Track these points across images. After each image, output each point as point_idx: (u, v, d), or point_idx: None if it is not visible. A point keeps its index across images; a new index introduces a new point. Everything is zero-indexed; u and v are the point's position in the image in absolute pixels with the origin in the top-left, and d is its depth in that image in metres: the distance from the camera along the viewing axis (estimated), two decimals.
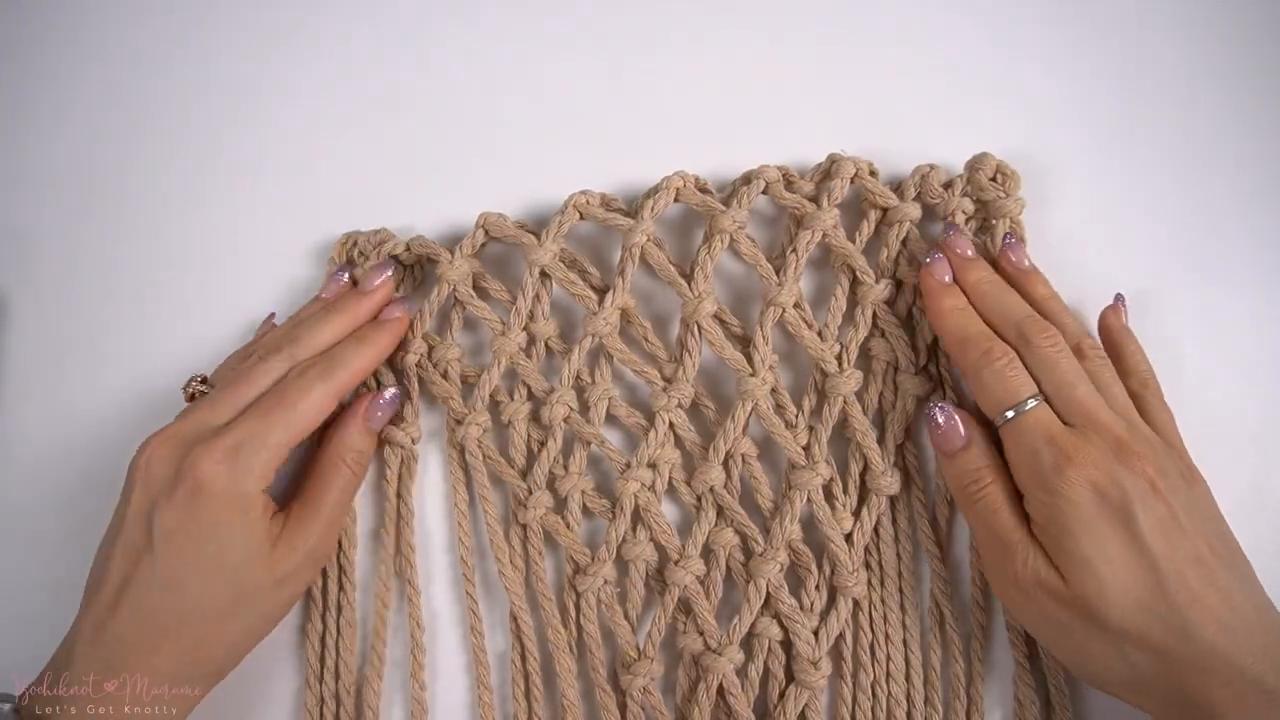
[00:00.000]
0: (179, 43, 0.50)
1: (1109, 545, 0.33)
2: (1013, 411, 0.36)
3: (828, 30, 0.48)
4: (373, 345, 0.42)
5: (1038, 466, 0.35)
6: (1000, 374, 0.37)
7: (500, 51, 0.49)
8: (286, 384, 0.39)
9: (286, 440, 0.38)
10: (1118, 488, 0.34)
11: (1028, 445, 0.36)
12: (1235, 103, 0.46)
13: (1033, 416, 0.36)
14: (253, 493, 0.37)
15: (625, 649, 0.41)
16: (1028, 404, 0.36)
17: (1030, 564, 0.35)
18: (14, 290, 0.48)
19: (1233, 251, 0.44)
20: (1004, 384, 0.37)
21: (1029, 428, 0.36)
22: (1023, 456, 0.36)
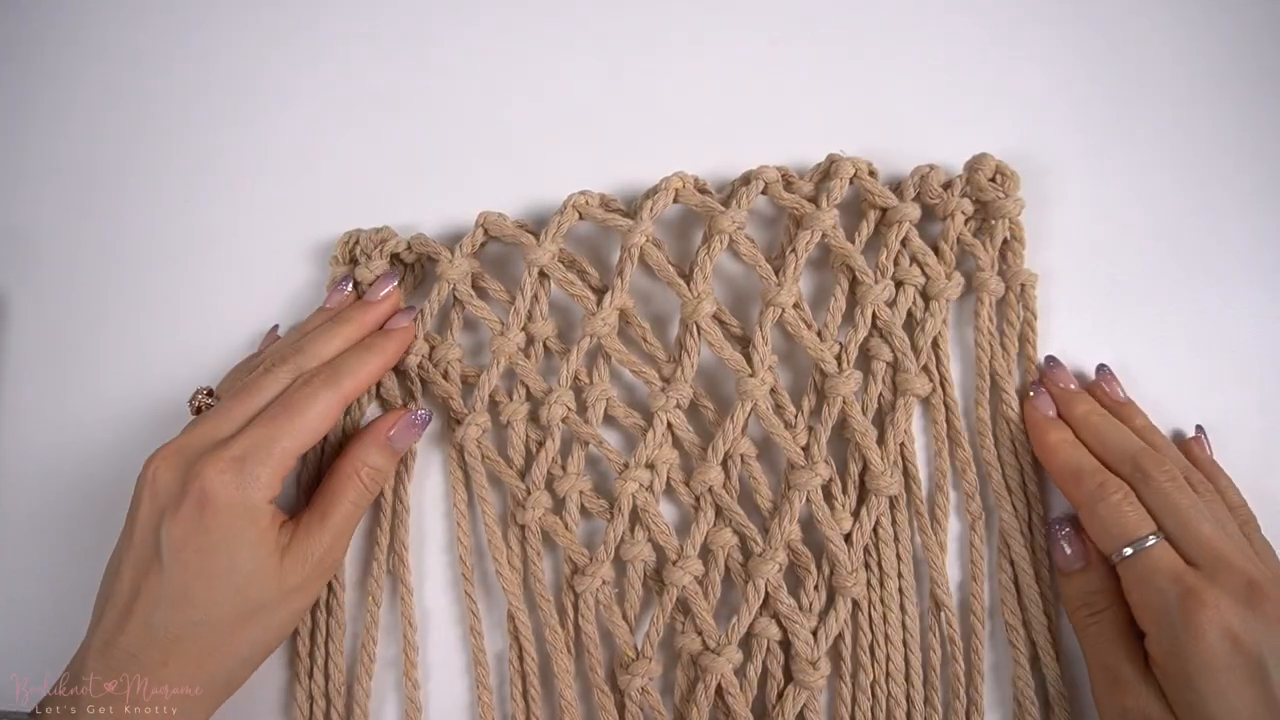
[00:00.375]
0: (179, 43, 0.51)
1: (1238, 701, 0.32)
2: (1131, 549, 0.35)
3: (827, 30, 0.48)
4: (379, 353, 0.41)
5: (1163, 607, 0.34)
6: (1117, 509, 0.36)
7: (500, 51, 0.49)
8: (292, 392, 0.39)
9: (293, 449, 0.37)
10: (1252, 636, 0.32)
11: (1152, 585, 0.34)
12: (1235, 103, 0.46)
13: (1155, 555, 0.35)
14: (260, 503, 0.37)
15: (623, 649, 0.41)
16: (1148, 540, 0.35)
17: (1143, 702, 0.34)
18: (14, 290, 0.48)
19: (1233, 251, 0.44)
20: (1122, 520, 0.36)
21: (1152, 567, 0.35)
22: (1146, 596, 0.34)
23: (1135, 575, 0.35)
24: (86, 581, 0.44)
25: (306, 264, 0.47)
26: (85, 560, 0.44)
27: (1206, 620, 0.32)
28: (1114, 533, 0.36)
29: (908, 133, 0.46)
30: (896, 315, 0.42)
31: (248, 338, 0.47)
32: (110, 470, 0.45)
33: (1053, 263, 0.44)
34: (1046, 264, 0.44)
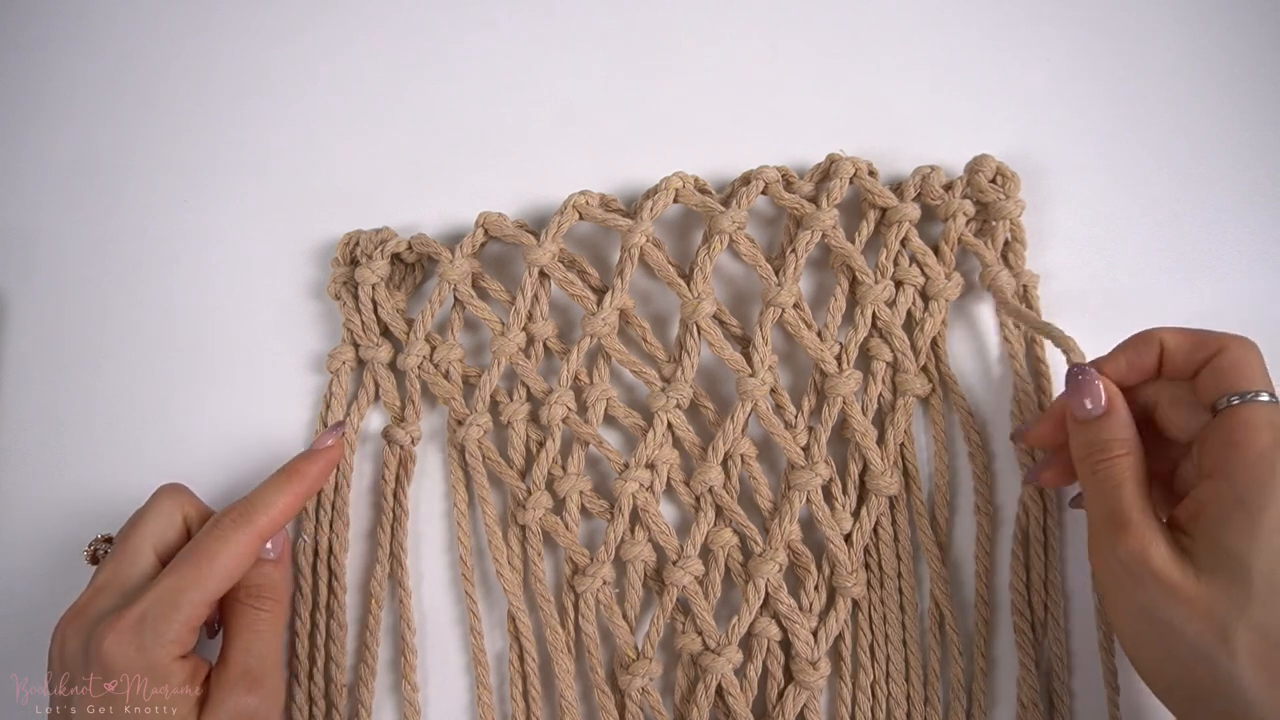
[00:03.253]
0: (179, 44, 0.51)
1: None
2: (1239, 398, 0.33)
3: (827, 31, 0.48)
4: (300, 479, 0.40)
5: (1267, 453, 0.32)
6: (1245, 359, 0.34)
7: (501, 52, 0.49)
8: (200, 536, 0.37)
9: (202, 598, 0.35)
10: None
11: (1264, 430, 0.32)
12: (1234, 103, 0.46)
13: (1267, 408, 0.33)
14: (166, 663, 0.34)
15: (624, 649, 0.41)
16: (1262, 395, 0.33)
17: (1143, 543, 0.32)
18: (14, 290, 0.48)
19: (1232, 251, 0.44)
20: (1240, 373, 0.34)
21: (1268, 417, 0.32)
22: (1250, 437, 0.32)
23: (1242, 418, 0.33)
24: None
25: (307, 264, 0.47)
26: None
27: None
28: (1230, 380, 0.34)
29: (908, 133, 0.46)
30: (896, 315, 0.42)
31: (247, 338, 0.47)
32: (108, 469, 0.45)
33: (1053, 263, 0.44)
34: (1047, 264, 0.44)
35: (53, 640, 0.36)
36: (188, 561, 0.36)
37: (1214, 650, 0.31)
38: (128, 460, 0.46)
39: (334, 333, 0.46)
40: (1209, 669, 0.31)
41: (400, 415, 0.44)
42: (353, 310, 0.45)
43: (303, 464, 0.40)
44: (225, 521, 0.37)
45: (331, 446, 0.42)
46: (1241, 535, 0.31)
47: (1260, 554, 0.31)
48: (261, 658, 0.37)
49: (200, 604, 0.35)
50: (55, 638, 0.36)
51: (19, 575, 0.45)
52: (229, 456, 0.45)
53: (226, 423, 0.46)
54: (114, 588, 0.36)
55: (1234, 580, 0.31)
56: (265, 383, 0.46)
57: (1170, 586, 0.32)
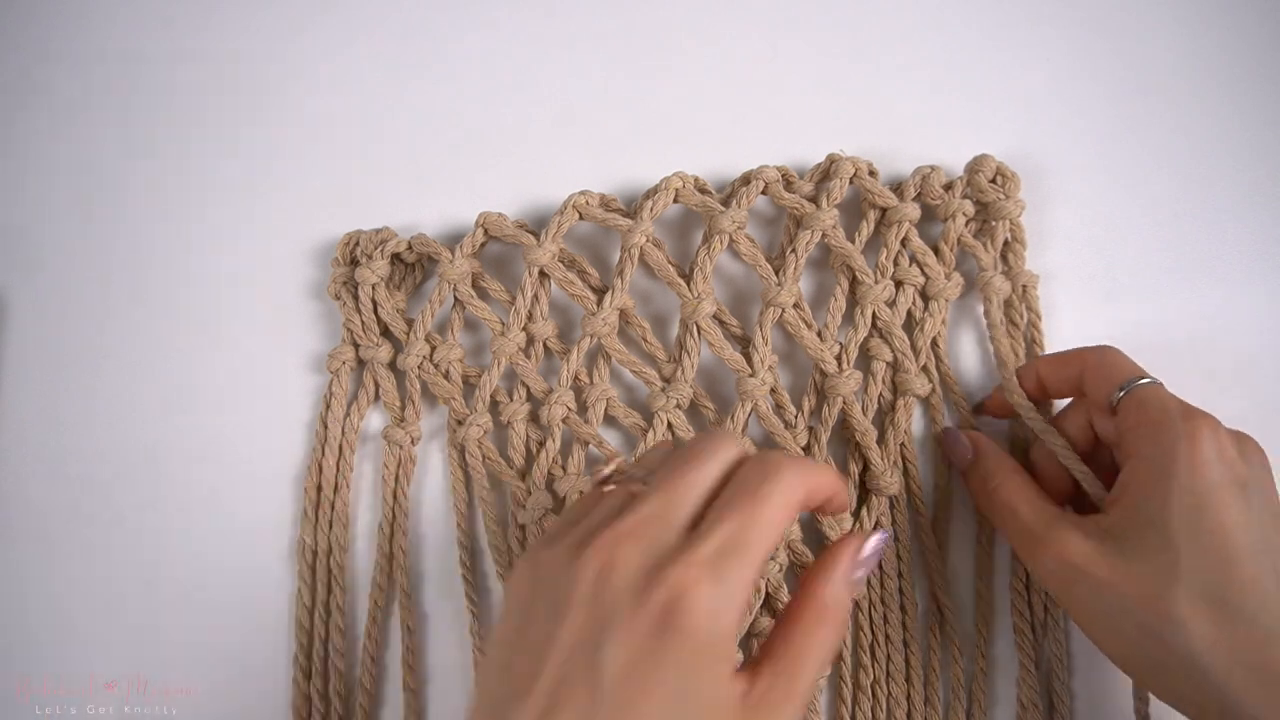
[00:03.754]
0: (180, 45, 0.51)
1: (1229, 513, 0.32)
2: (1124, 390, 0.36)
3: (827, 30, 0.48)
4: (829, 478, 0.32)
5: (1163, 423, 0.34)
6: (1107, 363, 0.38)
7: (501, 52, 0.49)
8: (746, 473, 0.30)
9: (764, 554, 0.28)
10: (1241, 462, 0.33)
11: (1154, 407, 0.35)
12: (1234, 103, 0.46)
13: (1155, 389, 0.36)
14: (732, 631, 0.27)
15: None
16: (1144, 379, 0.36)
17: (1069, 543, 0.34)
18: (14, 290, 0.48)
19: (1232, 251, 0.44)
20: (1114, 370, 0.37)
21: (1155, 395, 0.35)
22: (1146, 416, 0.35)
23: (1135, 402, 0.36)
24: (86, 582, 0.44)
25: (307, 264, 0.47)
26: (85, 560, 0.45)
27: (1208, 438, 0.33)
28: (1117, 372, 0.37)
29: (908, 133, 0.46)
30: (896, 315, 0.42)
31: (246, 336, 0.47)
32: (110, 470, 0.45)
33: (1053, 263, 0.44)
34: (1047, 264, 0.44)
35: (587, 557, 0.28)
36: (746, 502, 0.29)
37: (1159, 625, 0.32)
38: (127, 460, 0.46)
39: (334, 333, 0.46)
40: (1161, 643, 0.32)
41: (400, 416, 0.44)
42: (352, 310, 0.45)
43: None
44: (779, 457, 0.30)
45: None
46: (1158, 503, 0.33)
47: (1176, 516, 0.32)
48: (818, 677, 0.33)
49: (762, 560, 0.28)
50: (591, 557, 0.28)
51: (19, 576, 0.45)
52: (229, 457, 0.45)
53: (226, 423, 0.46)
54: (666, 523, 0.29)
55: (1159, 550, 0.32)
56: (265, 383, 0.46)
57: (1098, 577, 0.33)
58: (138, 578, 0.44)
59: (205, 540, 0.44)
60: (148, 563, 0.44)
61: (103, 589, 0.44)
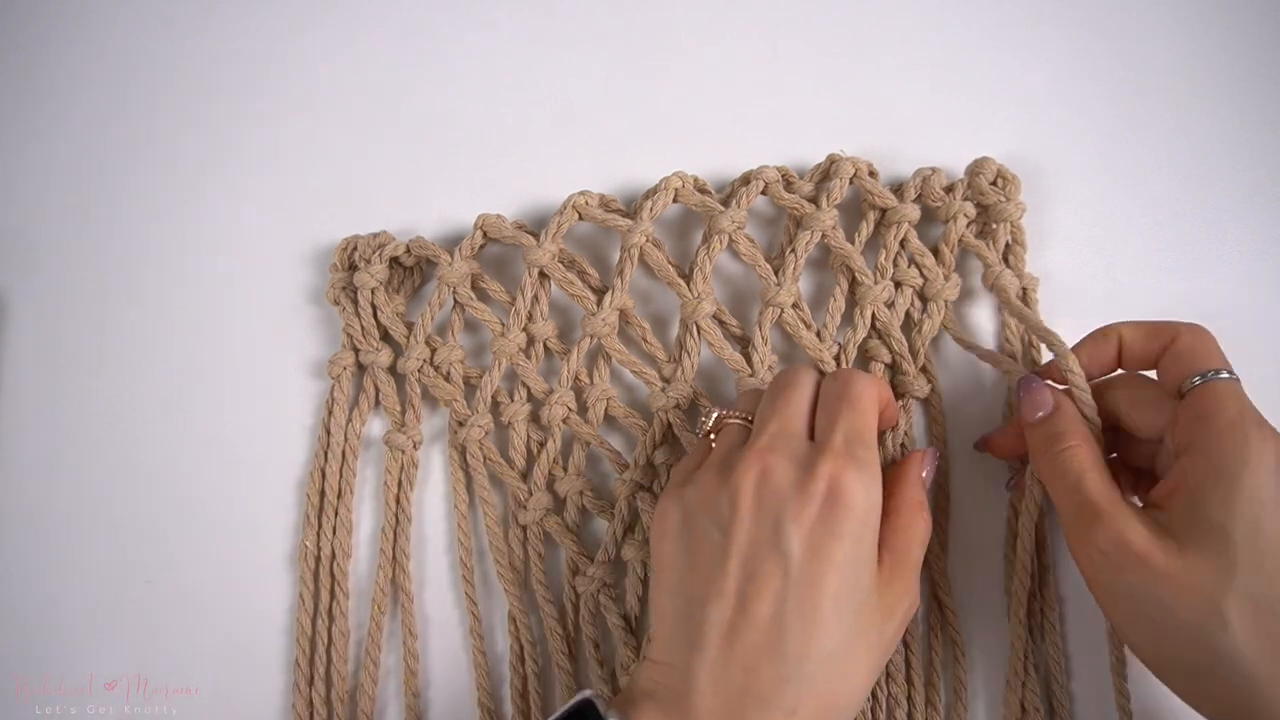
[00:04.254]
0: (180, 45, 0.51)
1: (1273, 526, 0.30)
2: (1200, 379, 0.34)
3: (827, 31, 0.48)
4: None
5: (1229, 427, 0.32)
6: (1204, 339, 0.35)
7: (501, 52, 0.49)
8: (837, 381, 0.35)
9: (875, 438, 0.35)
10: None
11: (1224, 408, 0.33)
12: (1234, 103, 0.46)
13: (1229, 385, 0.34)
14: (878, 504, 0.33)
15: (624, 650, 0.41)
16: (1223, 373, 0.34)
17: (1130, 527, 0.32)
18: (14, 290, 0.48)
19: (1232, 251, 0.44)
20: (1206, 351, 0.35)
21: (1227, 393, 0.33)
22: (1212, 413, 0.33)
23: (1211, 395, 0.33)
24: (86, 581, 0.44)
25: (306, 268, 0.47)
26: (85, 560, 0.45)
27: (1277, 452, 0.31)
28: (1188, 362, 0.35)
29: (908, 133, 0.46)
30: (895, 316, 0.42)
31: (246, 341, 0.46)
32: (109, 471, 0.45)
33: (1053, 263, 0.44)
34: (1047, 264, 0.44)
35: (741, 473, 0.33)
36: (846, 403, 0.34)
37: (1207, 624, 0.31)
38: (127, 461, 0.46)
39: (334, 337, 0.46)
40: (1204, 644, 0.31)
41: (400, 421, 0.44)
42: (352, 315, 0.45)
43: None
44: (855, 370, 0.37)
45: None
46: (1220, 504, 0.31)
47: (1240, 520, 0.31)
48: None
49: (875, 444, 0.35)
50: (746, 471, 0.33)
51: (19, 576, 0.45)
52: (229, 460, 0.45)
53: (227, 427, 0.46)
54: (792, 435, 0.34)
55: (1218, 551, 0.31)
56: (265, 386, 0.46)
57: (1154, 566, 0.32)
58: (138, 578, 0.44)
59: (206, 542, 0.44)
60: (148, 564, 0.44)
61: (103, 589, 0.44)
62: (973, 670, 0.41)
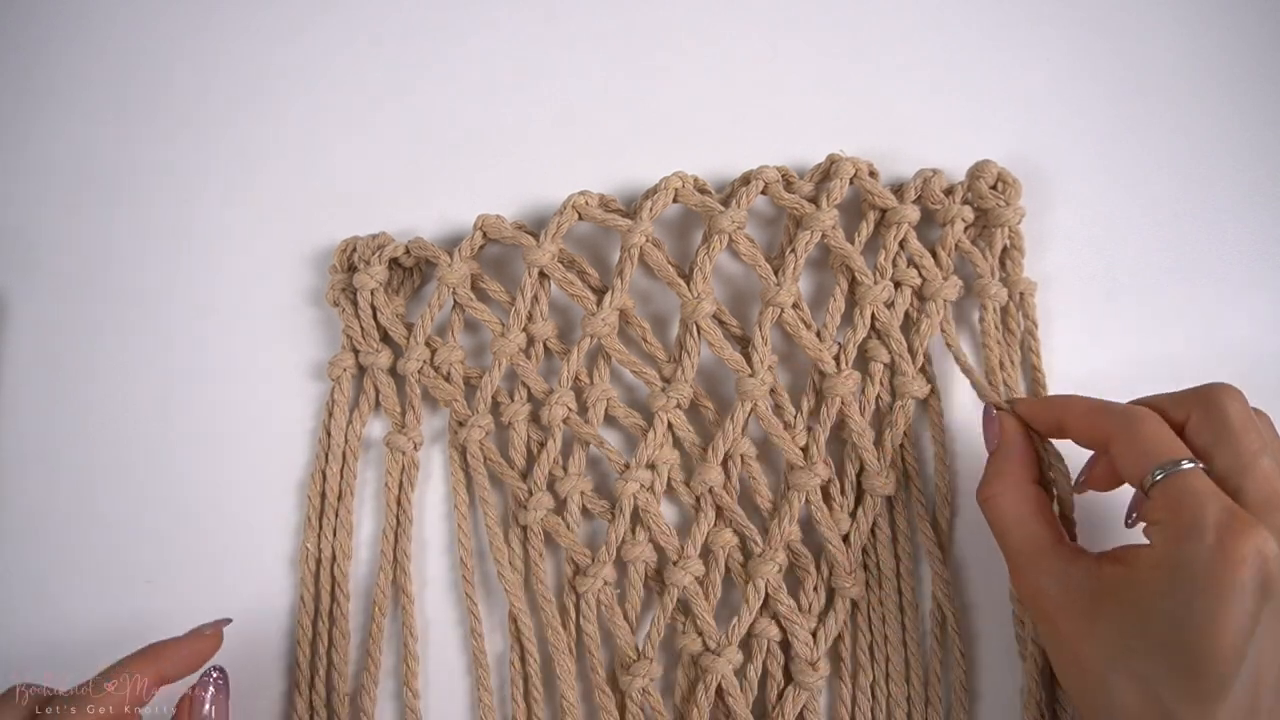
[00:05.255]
0: (179, 46, 0.50)
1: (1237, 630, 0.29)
2: (1163, 472, 0.32)
3: (827, 31, 0.48)
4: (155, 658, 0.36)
5: (1195, 525, 0.30)
6: (1159, 428, 0.33)
7: (501, 52, 0.49)
8: None
9: None
10: None
11: (1189, 503, 0.31)
12: (1234, 103, 0.46)
13: (1194, 476, 0.31)
14: None
15: (624, 650, 0.41)
16: (1183, 464, 0.32)
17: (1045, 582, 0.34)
18: (14, 290, 0.48)
19: (1232, 251, 0.44)
20: (1161, 439, 0.33)
21: (1192, 488, 0.31)
22: (1177, 513, 0.31)
23: (1168, 496, 0.31)
24: (86, 582, 0.44)
25: (306, 269, 0.47)
26: (85, 560, 0.45)
27: (1249, 548, 0.29)
28: (1151, 452, 0.32)
29: (908, 133, 0.46)
30: (894, 317, 0.42)
31: (246, 342, 0.46)
32: (108, 472, 0.45)
33: (1053, 263, 0.44)
34: (1047, 265, 0.44)
35: None
36: None
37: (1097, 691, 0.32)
38: (127, 462, 0.46)
39: (333, 339, 0.46)
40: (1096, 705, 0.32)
41: (401, 422, 0.44)
42: (352, 316, 0.45)
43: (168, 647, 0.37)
44: None
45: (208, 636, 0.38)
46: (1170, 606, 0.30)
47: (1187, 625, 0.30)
48: None
49: None
50: None
51: (19, 576, 0.45)
52: (229, 461, 0.45)
53: (227, 428, 0.46)
54: None
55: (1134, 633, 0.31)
56: (265, 390, 0.46)
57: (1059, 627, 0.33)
58: (138, 578, 0.44)
59: (206, 543, 0.44)
60: (148, 564, 0.44)
61: (103, 589, 0.44)
62: (973, 671, 0.41)
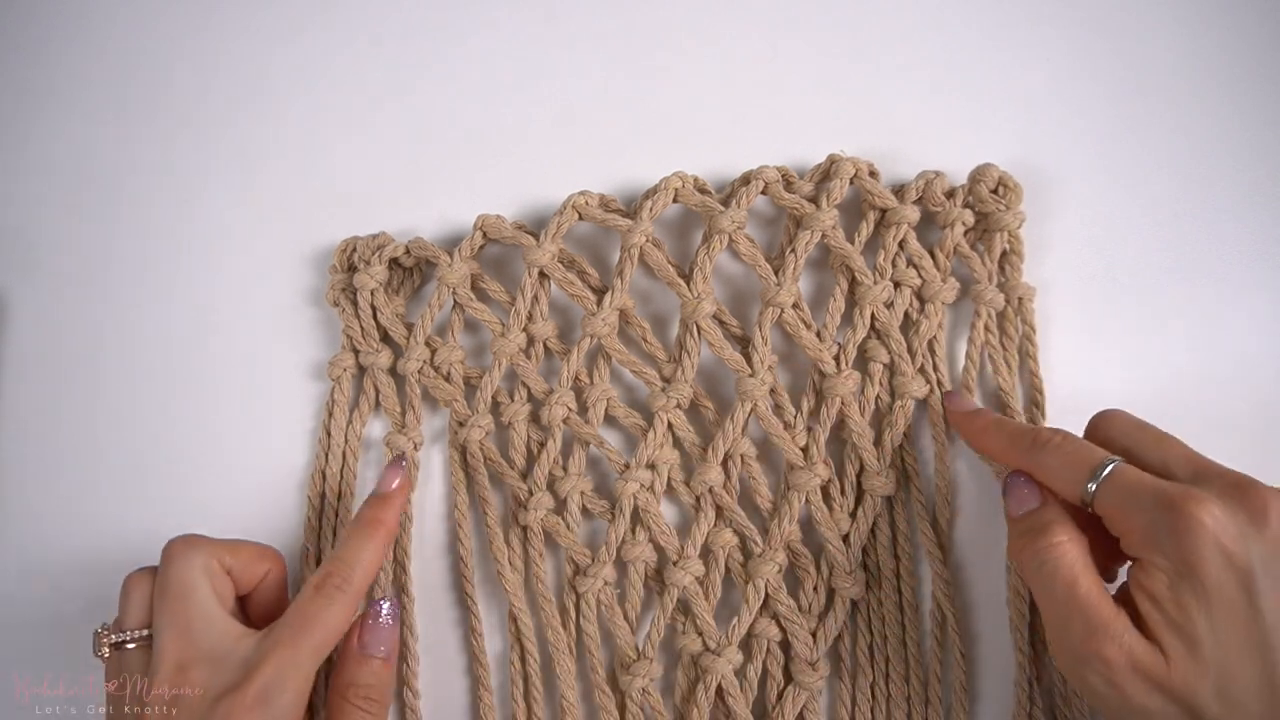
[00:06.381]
0: (179, 46, 0.50)
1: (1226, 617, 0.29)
2: (1094, 483, 0.32)
3: (827, 31, 0.48)
4: (379, 527, 0.39)
5: (1149, 529, 0.31)
6: (1066, 443, 0.34)
7: (501, 52, 0.49)
8: (302, 602, 0.36)
9: (315, 665, 0.35)
10: (1242, 544, 0.30)
11: (1132, 506, 0.31)
12: (1234, 103, 0.46)
13: (1124, 473, 0.32)
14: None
15: (624, 650, 0.41)
16: (1108, 466, 0.32)
17: (1127, 644, 0.31)
18: (14, 290, 0.48)
19: (1232, 251, 0.44)
20: (1076, 452, 0.34)
21: (1126, 487, 0.32)
22: (1128, 521, 0.32)
23: (1111, 504, 0.32)
24: (86, 582, 0.44)
25: (306, 269, 0.47)
26: (85, 560, 0.45)
27: (1198, 537, 0.30)
28: (1074, 466, 0.33)
29: (908, 133, 0.46)
30: (894, 317, 0.42)
31: (245, 342, 0.47)
32: (109, 472, 0.46)
33: (1053, 264, 0.44)
34: (1047, 265, 0.44)
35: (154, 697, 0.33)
36: (297, 628, 0.35)
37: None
38: (127, 462, 0.46)
39: (333, 339, 0.46)
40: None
41: (401, 422, 0.44)
42: (352, 316, 0.45)
43: (378, 511, 0.40)
44: (328, 587, 0.36)
45: (400, 485, 0.41)
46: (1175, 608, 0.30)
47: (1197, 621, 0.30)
48: None
49: (314, 674, 0.35)
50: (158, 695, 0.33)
51: (18, 576, 0.45)
52: (229, 462, 0.45)
53: (227, 429, 0.46)
54: (203, 661, 0.34)
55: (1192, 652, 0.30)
56: (265, 390, 0.46)
57: (1154, 679, 0.30)
58: None
59: None
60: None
61: (103, 589, 0.44)
62: (973, 671, 0.41)
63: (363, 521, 0.39)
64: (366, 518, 0.39)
